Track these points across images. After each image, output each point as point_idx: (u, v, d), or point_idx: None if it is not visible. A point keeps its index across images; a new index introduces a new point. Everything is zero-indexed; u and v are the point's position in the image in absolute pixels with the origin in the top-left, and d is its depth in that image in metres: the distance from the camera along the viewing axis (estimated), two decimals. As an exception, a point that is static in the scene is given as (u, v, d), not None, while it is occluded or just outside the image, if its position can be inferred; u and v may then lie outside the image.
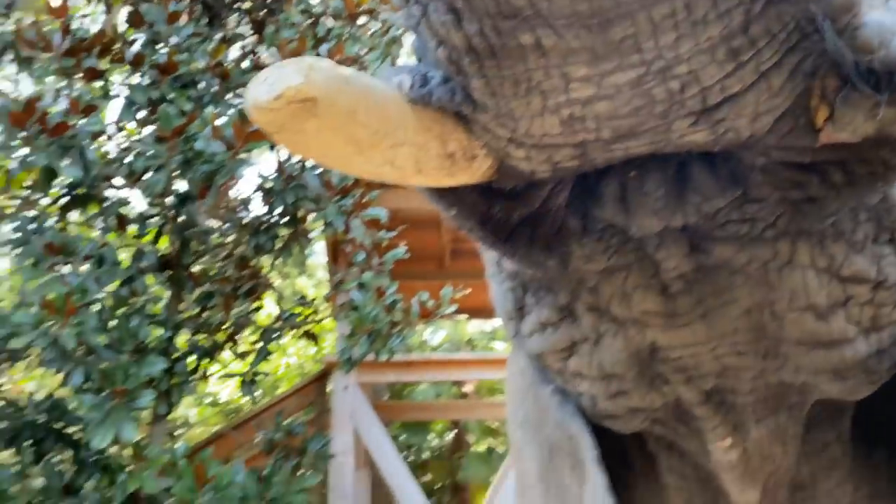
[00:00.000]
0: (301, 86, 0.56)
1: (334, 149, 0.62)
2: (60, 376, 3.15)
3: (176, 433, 4.78)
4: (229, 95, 4.17)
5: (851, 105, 0.56)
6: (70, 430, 3.41)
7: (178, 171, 3.15)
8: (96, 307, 3.00)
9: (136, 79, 3.69)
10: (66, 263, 3.08)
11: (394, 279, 4.02)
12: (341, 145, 0.61)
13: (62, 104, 3.42)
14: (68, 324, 2.73)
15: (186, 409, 8.62)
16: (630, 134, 0.62)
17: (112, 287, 3.43)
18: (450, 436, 9.35)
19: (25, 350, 2.94)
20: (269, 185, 3.99)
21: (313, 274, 10.41)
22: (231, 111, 3.96)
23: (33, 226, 3.46)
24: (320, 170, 3.97)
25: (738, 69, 0.56)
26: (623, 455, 1.15)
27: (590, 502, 0.95)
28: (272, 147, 3.88)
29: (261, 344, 4.37)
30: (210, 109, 3.54)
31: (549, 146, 0.63)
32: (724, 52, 0.54)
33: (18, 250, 3.42)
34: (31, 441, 3.33)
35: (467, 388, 8.78)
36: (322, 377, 5.76)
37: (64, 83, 3.32)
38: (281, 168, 3.80)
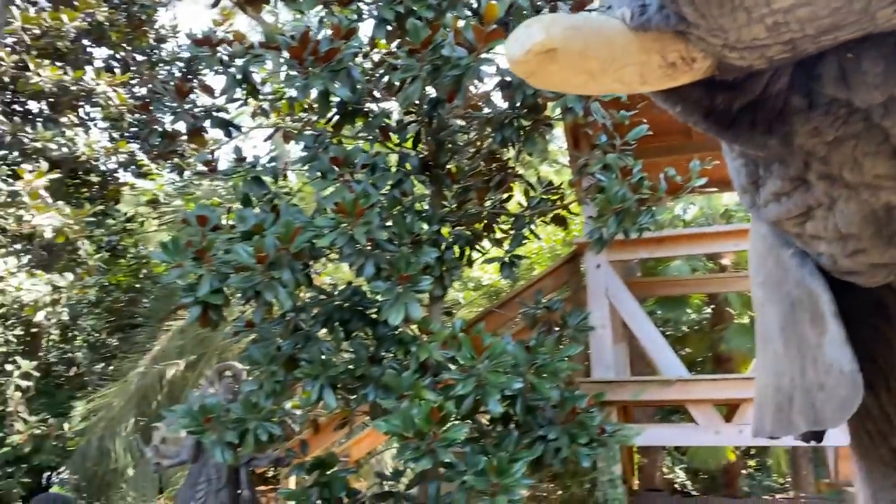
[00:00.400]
0: (544, 40, 0.72)
1: (572, 80, 0.78)
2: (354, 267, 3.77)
3: (451, 312, 5.40)
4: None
5: None
6: (368, 311, 4.06)
7: (429, 79, 3.44)
8: (376, 209, 3.47)
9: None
10: (349, 173, 3.58)
11: (638, 157, 4.04)
12: (578, 77, 0.77)
13: (323, 32, 3.89)
14: (358, 223, 3.23)
15: (455, 292, 9.53)
16: (835, 28, 0.67)
17: (385, 190, 3.93)
18: (707, 310, 9.21)
19: (328, 248, 3.51)
20: (507, 78, 4.17)
21: (555, 160, 10.58)
22: (467, 13, 4.17)
23: (316, 144, 4.05)
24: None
25: None
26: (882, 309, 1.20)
27: (828, 351, 1.04)
28: (506, 37, 4.04)
29: (514, 231, 4.71)
30: (449, 15, 3.77)
31: (760, 46, 0.71)
32: None
33: (307, 166, 4.06)
34: (339, 321, 4.04)
35: (726, 261, 8.52)
36: (574, 258, 6.02)
37: (323, 11, 3.74)
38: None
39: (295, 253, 3.37)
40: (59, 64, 7.98)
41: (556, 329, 4.58)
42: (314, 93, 3.52)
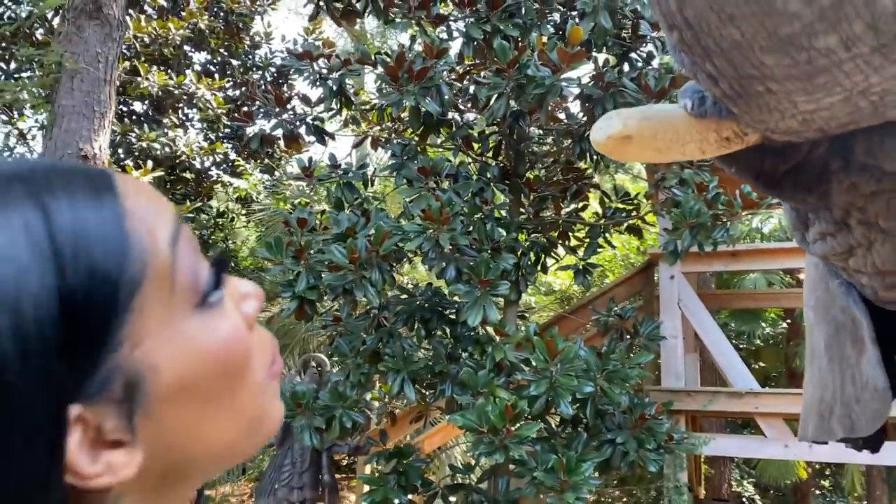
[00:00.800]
0: (622, 130, 0.93)
1: (644, 156, 0.99)
2: (436, 270, 4.02)
3: (524, 316, 5.59)
4: (549, 14, 4.55)
5: None
6: (447, 311, 4.31)
7: (513, 95, 3.66)
8: (459, 216, 3.71)
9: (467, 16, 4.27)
10: (435, 182, 3.84)
11: (714, 173, 4.14)
12: (648, 154, 0.98)
13: (417, 48, 4.17)
14: (443, 230, 3.47)
15: (527, 296, 9.70)
16: (854, 122, 0.85)
17: (467, 197, 4.17)
18: (783, 324, 9.07)
19: (413, 251, 3.77)
20: (588, 92, 4.34)
21: (631, 169, 10.59)
22: (550, 31, 4.36)
23: (403, 153, 4.33)
24: (636, 73, 4.19)
25: None
26: None
27: (866, 370, 1.21)
28: (588, 58, 4.20)
29: (589, 239, 4.87)
30: (534, 34, 3.97)
31: (796, 132, 0.89)
32: None
33: (395, 173, 4.33)
34: (420, 320, 4.30)
35: (802, 276, 8.38)
36: (648, 267, 6.11)
37: (417, 30, 4.00)
38: (599, 75, 4.09)
39: (384, 255, 3.65)
40: (163, 69, 8.59)
41: (628, 337, 4.71)
42: (406, 106, 3.79)
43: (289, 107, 4.72)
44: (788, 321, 8.89)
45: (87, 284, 0.39)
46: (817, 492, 10.17)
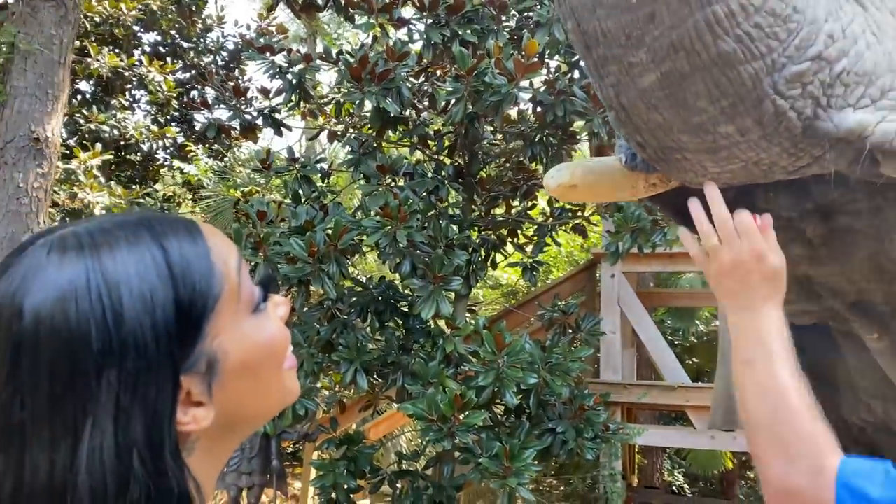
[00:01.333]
0: (570, 180, 1.15)
1: (587, 199, 1.29)
2: (391, 264, 4.16)
3: (473, 310, 5.78)
4: (505, 21, 4.73)
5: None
6: (400, 304, 4.46)
7: (470, 100, 3.82)
8: (417, 214, 3.86)
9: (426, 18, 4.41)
10: (392, 179, 3.98)
11: (656, 180, 4.39)
12: (590, 198, 1.28)
13: (379, 48, 4.29)
14: (401, 227, 3.62)
15: (475, 290, 9.95)
16: (751, 180, 1.05)
17: (423, 195, 4.32)
18: (715, 323, 9.52)
19: (370, 246, 3.91)
20: (540, 97, 4.54)
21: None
22: (506, 37, 4.54)
23: (360, 149, 4.45)
24: (585, 81, 4.41)
25: (798, 155, 0.99)
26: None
27: None
28: (542, 65, 4.40)
29: (537, 237, 5.09)
30: (491, 40, 4.14)
31: (703, 183, 1.09)
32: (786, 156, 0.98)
33: (352, 168, 4.46)
34: (374, 312, 4.44)
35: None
36: (591, 266, 6.39)
37: (380, 33, 4.13)
38: (551, 82, 4.28)
39: (342, 249, 3.78)
40: (113, 49, 8.44)
41: (570, 331, 4.95)
42: (367, 104, 3.91)
43: (246, 97, 4.78)
44: (721, 319, 9.33)
45: (190, 297, 0.60)
46: (743, 482, 10.73)
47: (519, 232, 5.17)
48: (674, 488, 10.01)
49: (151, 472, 0.55)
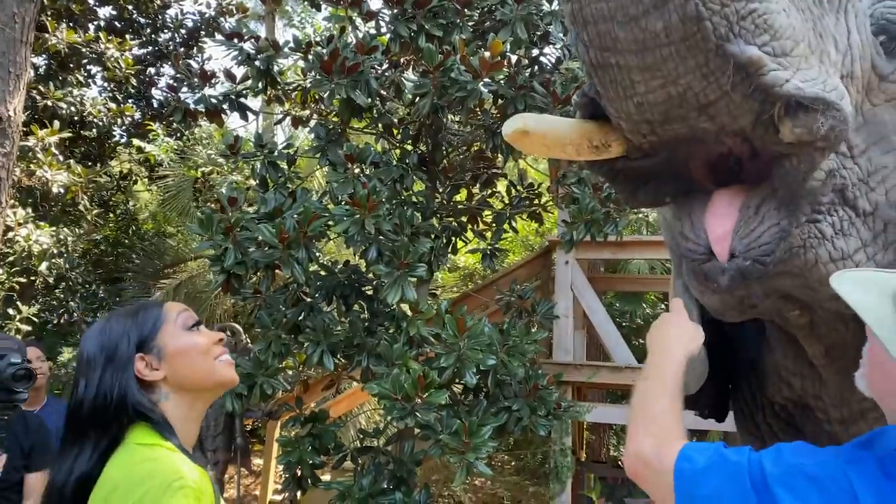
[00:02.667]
0: (522, 127, 1.32)
1: (537, 150, 1.41)
2: (358, 250, 4.32)
3: (435, 294, 5.98)
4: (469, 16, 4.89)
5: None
6: (365, 288, 4.63)
7: (437, 94, 3.99)
8: (384, 202, 4.02)
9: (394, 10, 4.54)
10: (359, 168, 4.13)
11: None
12: (540, 148, 1.38)
13: (347, 39, 4.41)
14: (369, 215, 3.78)
15: (436, 274, 10.17)
16: (666, 115, 1.22)
17: (388, 183, 4.48)
18: (662, 306, 9.94)
19: (339, 233, 4.06)
20: (501, 91, 4.72)
21: (538, 160, 11.16)
22: (470, 32, 4.70)
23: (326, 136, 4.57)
24: (544, 78, 4.61)
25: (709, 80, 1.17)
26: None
27: None
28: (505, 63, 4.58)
29: (496, 225, 5.31)
30: (456, 35, 4.31)
31: (636, 122, 1.25)
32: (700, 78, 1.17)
33: (317, 155, 4.57)
34: (340, 296, 4.60)
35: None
36: (546, 253, 6.66)
37: (349, 27, 4.25)
38: (513, 77, 4.47)
39: (311, 235, 3.92)
40: (70, 24, 8.30)
41: (526, 315, 5.19)
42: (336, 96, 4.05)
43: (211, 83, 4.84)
44: (666, 303, 9.72)
45: (149, 330, 1.45)
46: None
47: (479, 219, 5.37)
48: (619, 462, 10.47)
49: (124, 394, 1.34)
